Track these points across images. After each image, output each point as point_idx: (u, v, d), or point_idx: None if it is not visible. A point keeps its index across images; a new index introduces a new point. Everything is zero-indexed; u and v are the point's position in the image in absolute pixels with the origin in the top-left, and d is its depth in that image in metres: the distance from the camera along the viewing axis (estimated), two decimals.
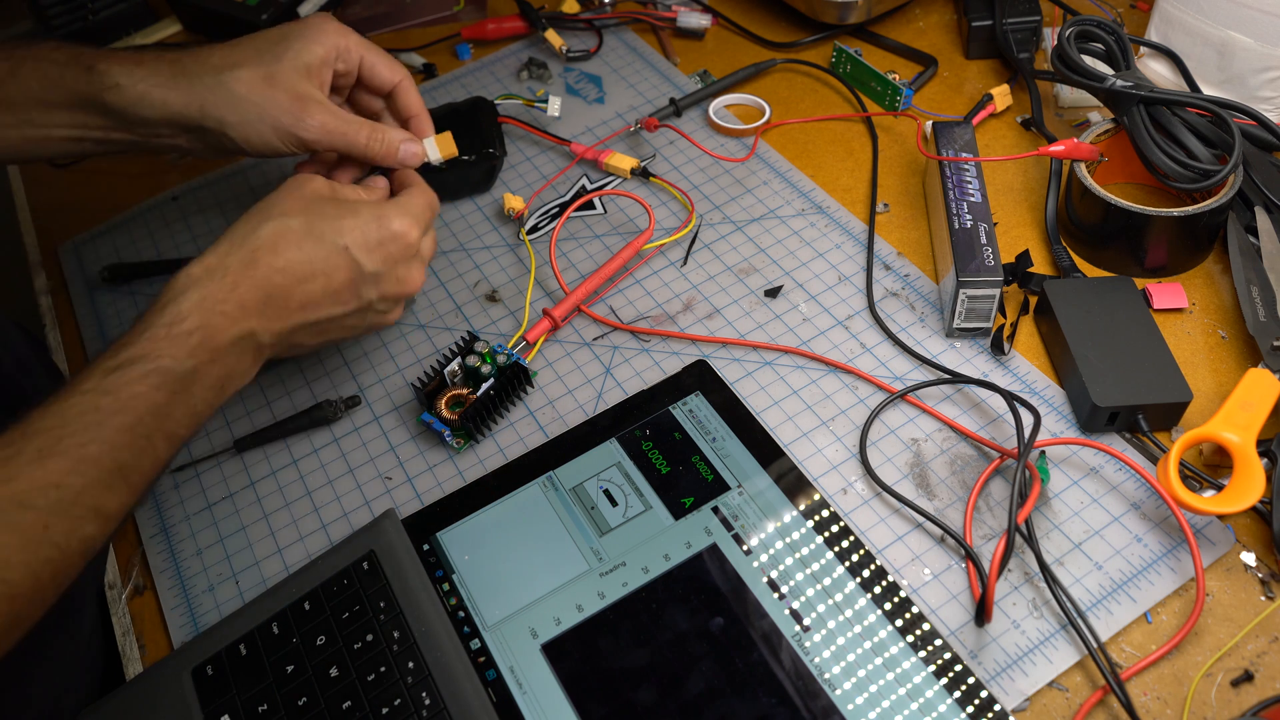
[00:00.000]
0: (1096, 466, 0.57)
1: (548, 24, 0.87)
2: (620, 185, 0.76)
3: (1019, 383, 0.61)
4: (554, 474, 0.59)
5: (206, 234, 0.77)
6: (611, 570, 0.54)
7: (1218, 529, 0.54)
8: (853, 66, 0.81)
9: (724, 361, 0.64)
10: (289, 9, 0.90)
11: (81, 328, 0.73)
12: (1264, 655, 0.50)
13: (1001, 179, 0.74)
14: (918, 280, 0.68)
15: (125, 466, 0.46)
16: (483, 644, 0.52)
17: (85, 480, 0.45)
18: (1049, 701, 0.49)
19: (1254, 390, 0.55)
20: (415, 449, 0.63)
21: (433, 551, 0.56)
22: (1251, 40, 0.68)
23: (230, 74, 0.57)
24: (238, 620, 0.55)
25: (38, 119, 0.59)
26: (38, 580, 0.43)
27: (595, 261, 0.71)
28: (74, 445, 0.45)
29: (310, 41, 0.58)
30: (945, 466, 0.58)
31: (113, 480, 0.46)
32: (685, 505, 0.56)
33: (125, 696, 0.53)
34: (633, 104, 0.83)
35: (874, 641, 0.50)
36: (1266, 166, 0.66)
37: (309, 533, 0.60)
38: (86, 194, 0.83)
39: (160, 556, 0.60)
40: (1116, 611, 0.52)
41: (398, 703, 0.50)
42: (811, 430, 0.60)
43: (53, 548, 0.44)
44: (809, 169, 0.76)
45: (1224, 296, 0.65)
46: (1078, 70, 0.66)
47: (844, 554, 0.53)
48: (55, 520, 0.44)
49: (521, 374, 0.63)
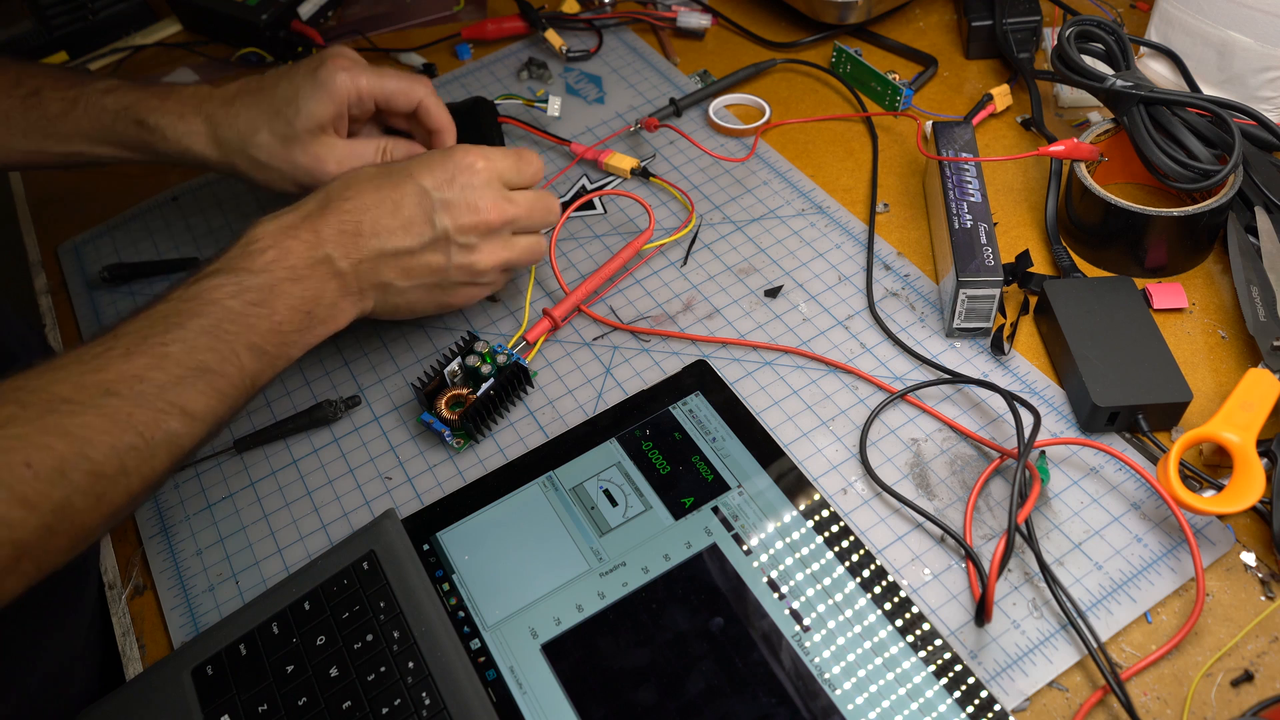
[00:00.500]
0: (1096, 466, 0.57)
1: (548, 24, 0.87)
2: (620, 185, 0.76)
3: (1019, 383, 0.61)
4: (554, 474, 0.59)
5: (206, 234, 0.77)
6: (611, 570, 0.54)
7: (1218, 529, 0.54)
8: (853, 66, 0.81)
9: (724, 361, 0.64)
10: (289, 9, 0.90)
11: (81, 328, 0.73)
12: (1264, 655, 0.50)
13: (1001, 179, 0.74)
14: (918, 280, 0.68)
15: (208, 369, 0.49)
16: (483, 644, 0.52)
17: (168, 376, 0.47)
18: (1049, 701, 0.49)
19: (1254, 390, 0.55)
20: (415, 449, 0.63)
21: (433, 551, 0.56)
22: (1251, 40, 0.68)
23: (253, 143, 0.62)
24: (238, 620, 0.55)
25: (88, 151, 0.65)
26: (122, 464, 0.45)
27: (595, 261, 0.71)
28: (156, 344, 0.48)
29: (320, 102, 0.61)
30: (945, 466, 0.58)
31: (195, 380, 0.48)
32: (685, 505, 0.56)
33: (125, 696, 0.53)
34: (633, 104, 0.83)
35: (874, 641, 0.50)
36: (1266, 166, 0.66)
37: (309, 533, 0.60)
38: (86, 194, 0.83)
39: (160, 556, 0.60)
40: (1116, 611, 0.52)
41: (398, 703, 0.50)
42: (811, 430, 0.60)
43: (136, 435, 0.46)
44: (809, 169, 0.76)
45: (1224, 296, 0.65)
46: (1078, 70, 0.66)
47: (844, 554, 0.53)
48: (139, 410, 0.46)
49: (521, 374, 0.63)
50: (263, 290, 0.52)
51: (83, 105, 0.63)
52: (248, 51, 0.91)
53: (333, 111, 0.62)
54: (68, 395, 0.45)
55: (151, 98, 0.63)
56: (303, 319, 0.53)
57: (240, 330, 0.50)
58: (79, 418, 0.44)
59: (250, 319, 0.51)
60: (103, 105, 0.63)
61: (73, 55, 0.95)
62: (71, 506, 0.43)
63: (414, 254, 0.57)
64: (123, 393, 0.46)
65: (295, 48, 0.90)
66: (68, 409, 0.44)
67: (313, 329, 0.54)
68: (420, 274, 0.58)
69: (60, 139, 0.64)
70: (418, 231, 0.56)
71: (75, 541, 0.44)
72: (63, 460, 0.43)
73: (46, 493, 0.42)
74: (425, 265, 0.58)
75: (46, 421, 0.43)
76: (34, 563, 0.43)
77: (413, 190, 0.57)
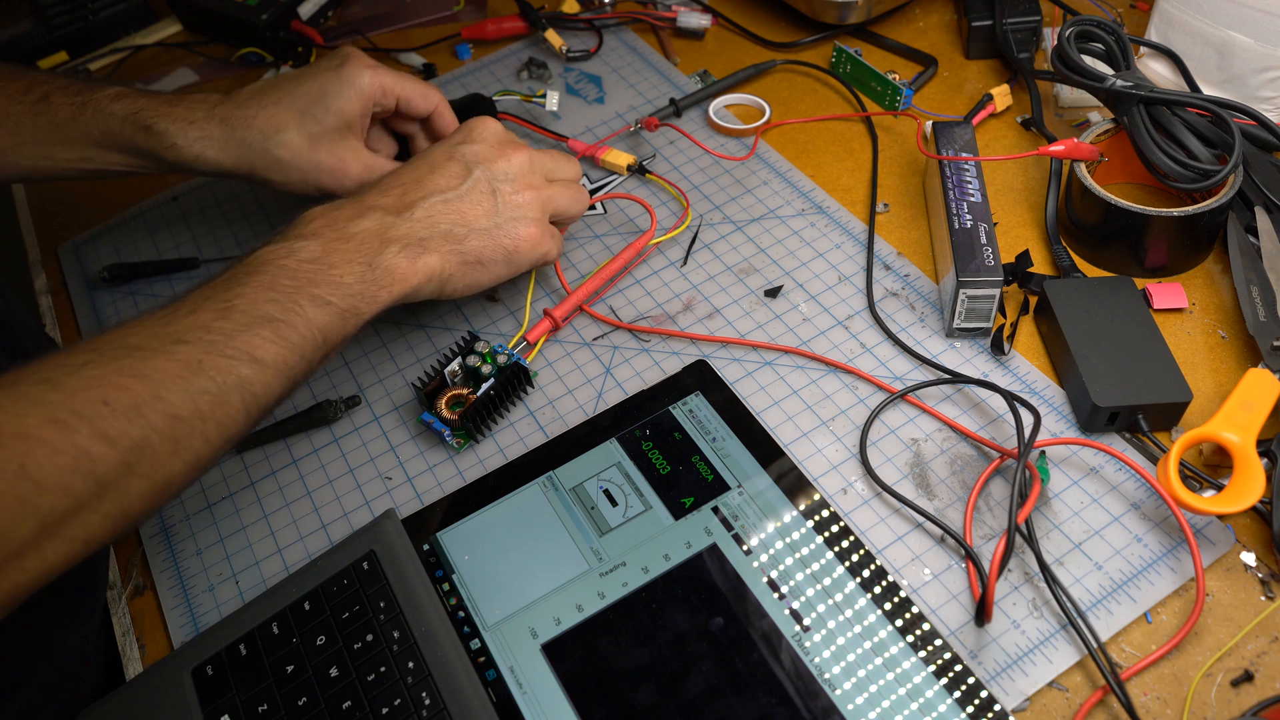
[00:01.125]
0: (1096, 466, 0.57)
1: (548, 24, 0.87)
2: (620, 185, 0.76)
3: (1019, 383, 0.61)
4: (554, 474, 0.59)
5: (206, 234, 0.77)
6: (611, 570, 0.54)
7: (1218, 529, 0.54)
8: (853, 66, 0.81)
9: (724, 361, 0.64)
10: (289, 9, 0.90)
11: (81, 328, 0.73)
12: (1264, 655, 0.50)
13: (1001, 179, 0.74)
14: (918, 280, 0.68)
15: (272, 318, 0.50)
16: (483, 644, 0.52)
17: (233, 325, 0.49)
18: (1049, 701, 0.49)
19: (1254, 390, 0.55)
20: (415, 449, 0.63)
21: (433, 551, 0.56)
22: (1251, 40, 0.68)
23: (276, 139, 0.63)
24: (238, 620, 0.55)
25: (96, 158, 0.65)
26: (197, 408, 0.46)
27: (595, 261, 0.71)
28: (220, 301, 0.50)
29: (348, 99, 0.63)
30: (945, 466, 0.58)
31: (260, 327, 0.49)
32: (685, 505, 0.56)
33: (125, 696, 0.54)
34: (633, 104, 0.83)
35: (874, 641, 0.50)
36: (1266, 166, 0.66)
37: (309, 533, 0.60)
38: (86, 194, 0.83)
39: (160, 556, 0.60)
40: (1116, 611, 0.52)
41: (398, 703, 0.50)
42: (811, 430, 0.61)
43: (208, 379, 0.47)
44: (809, 169, 0.76)
45: (1224, 296, 0.65)
46: (1078, 70, 0.66)
47: (844, 554, 0.53)
48: (209, 356, 0.47)
49: (522, 374, 0.63)
50: (315, 249, 0.53)
51: (90, 110, 0.64)
52: (248, 51, 0.91)
53: (360, 109, 0.64)
54: (140, 344, 0.46)
55: (160, 104, 0.64)
56: (363, 270, 0.54)
57: (299, 283, 0.52)
58: (152, 361, 0.46)
59: (307, 273, 0.52)
60: (110, 111, 0.64)
61: (72, 55, 0.95)
62: (150, 446, 0.44)
63: (462, 197, 0.59)
64: (192, 340, 0.47)
65: (295, 48, 0.90)
66: (141, 354, 0.46)
67: (377, 282, 0.55)
68: (474, 217, 0.59)
69: (68, 145, 0.64)
70: (459, 176, 0.59)
71: (155, 487, 0.45)
72: (139, 399, 0.44)
73: (125, 429, 0.43)
74: (476, 207, 0.59)
75: (121, 364, 0.45)
76: (116, 503, 0.44)
77: (441, 150, 0.60)
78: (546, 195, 0.62)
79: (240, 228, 0.78)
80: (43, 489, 0.41)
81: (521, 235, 0.61)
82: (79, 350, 0.45)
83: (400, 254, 0.56)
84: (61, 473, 0.41)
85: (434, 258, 0.57)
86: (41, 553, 0.41)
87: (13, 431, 0.41)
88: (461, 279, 0.59)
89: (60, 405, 0.42)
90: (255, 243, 0.62)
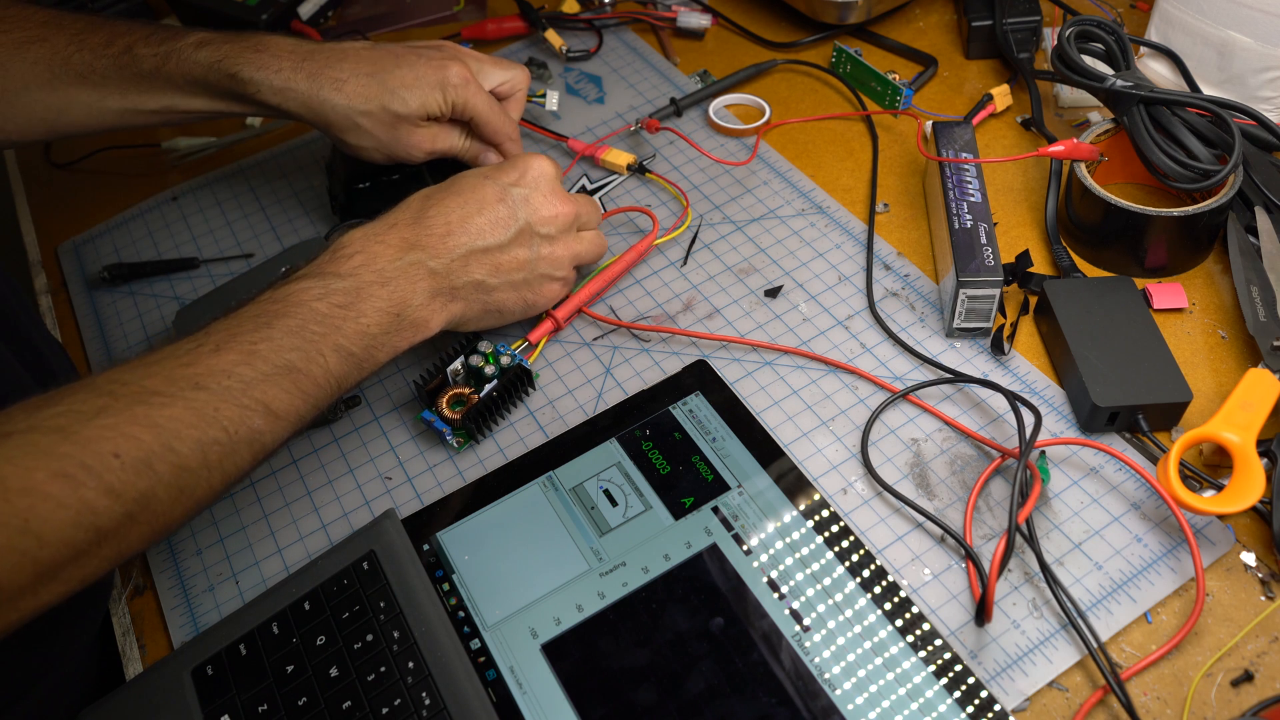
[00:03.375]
0: (1096, 466, 0.57)
1: (548, 24, 0.87)
2: (620, 185, 0.76)
3: (1019, 383, 0.61)
4: (554, 474, 0.59)
5: (206, 234, 0.77)
6: (611, 570, 0.54)
7: (1218, 529, 0.54)
8: (853, 66, 0.81)
9: (724, 361, 0.64)
10: (289, 9, 0.90)
11: (81, 328, 0.73)
12: (1264, 655, 0.50)
13: (1001, 179, 0.74)
14: (918, 280, 0.68)
15: (293, 368, 0.50)
16: (483, 644, 0.52)
17: (255, 373, 0.48)
18: (1049, 701, 0.49)
19: (1254, 390, 0.55)
20: (415, 449, 0.63)
21: (433, 551, 0.56)
22: (1251, 40, 0.68)
23: (361, 110, 0.64)
24: (238, 620, 0.55)
25: (181, 104, 0.67)
26: (205, 459, 0.46)
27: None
28: (245, 342, 0.49)
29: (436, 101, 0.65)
30: (945, 466, 0.58)
31: (280, 378, 0.49)
32: (685, 505, 0.56)
33: (125, 696, 0.54)
34: (633, 104, 0.83)
35: (874, 641, 0.50)
36: (1266, 166, 0.66)
37: (309, 533, 0.60)
38: (86, 194, 0.83)
39: (160, 556, 0.60)
40: (1116, 611, 0.52)
41: (398, 703, 0.50)
42: (811, 430, 0.60)
43: (221, 430, 0.46)
44: (809, 169, 0.76)
45: (1224, 296, 0.65)
46: (1078, 70, 0.66)
47: (844, 554, 0.53)
48: (225, 405, 0.47)
49: (525, 376, 0.63)
50: (349, 293, 0.53)
51: (175, 60, 0.64)
52: None
53: (443, 111, 0.66)
54: (157, 388, 0.46)
55: (246, 50, 0.64)
56: (391, 321, 0.54)
57: (326, 331, 0.51)
58: (167, 410, 0.45)
59: (336, 320, 0.52)
60: (195, 59, 0.64)
61: None
62: (155, 497, 0.44)
63: (503, 249, 0.59)
64: (210, 387, 0.47)
65: None
66: (158, 401, 0.45)
67: (401, 332, 0.55)
68: (508, 269, 0.60)
69: (154, 94, 0.65)
70: (505, 225, 0.59)
71: (155, 530, 0.45)
72: (150, 452, 0.44)
73: (132, 482, 0.43)
74: (513, 260, 0.60)
75: (135, 412, 0.44)
76: (115, 548, 0.44)
77: (493, 189, 0.60)
78: (576, 251, 0.63)
79: (240, 228, 0.78)
80: (44, 543, 0.40)
81: (545, 292, 0.63)
82: (96, 392, 0.45)
83: (429, 304, 0.56)
84: (64, 527, 0.41)
85: (459, 305, 0.58)
86: (37, 595, 0.42)
87: (20, 486, 0.40)
88: (476, 323, 0.61)
89: (70, 458, 0.42)
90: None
